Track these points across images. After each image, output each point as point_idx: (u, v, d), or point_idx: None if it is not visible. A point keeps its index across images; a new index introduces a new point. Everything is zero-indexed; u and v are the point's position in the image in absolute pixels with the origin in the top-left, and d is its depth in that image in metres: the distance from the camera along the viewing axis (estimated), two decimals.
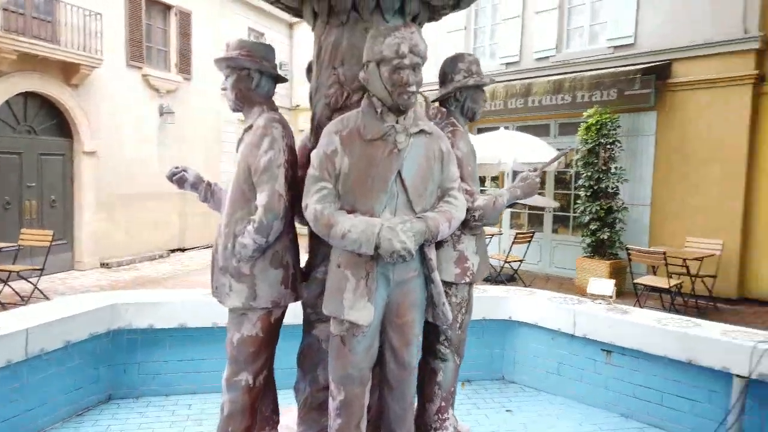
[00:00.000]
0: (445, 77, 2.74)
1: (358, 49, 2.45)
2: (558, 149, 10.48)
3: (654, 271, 8.80)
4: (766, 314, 8.28)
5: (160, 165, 13.12)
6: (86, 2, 10.82)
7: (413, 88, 2.16)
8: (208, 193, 2.82)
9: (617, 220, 9.56)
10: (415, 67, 2.16)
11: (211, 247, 2.55)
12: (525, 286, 8.40)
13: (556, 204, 10.31)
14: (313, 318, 2.61)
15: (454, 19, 12.70)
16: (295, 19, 18.57)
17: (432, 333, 2.58)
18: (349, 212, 2.14)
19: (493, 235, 10.41)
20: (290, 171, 2.39)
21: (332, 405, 2.31)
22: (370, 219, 2.09)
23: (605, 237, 9.47)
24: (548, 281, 10.37)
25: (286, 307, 2.51)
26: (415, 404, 2.55)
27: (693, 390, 4.00)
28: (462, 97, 2.70)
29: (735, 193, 8.95)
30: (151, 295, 4.76)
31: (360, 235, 2.04)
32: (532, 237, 10.12)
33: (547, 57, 11.39)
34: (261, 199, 2.30)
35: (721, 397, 3.85)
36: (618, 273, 9.22)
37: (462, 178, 2.46)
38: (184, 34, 13.75)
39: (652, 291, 8.51)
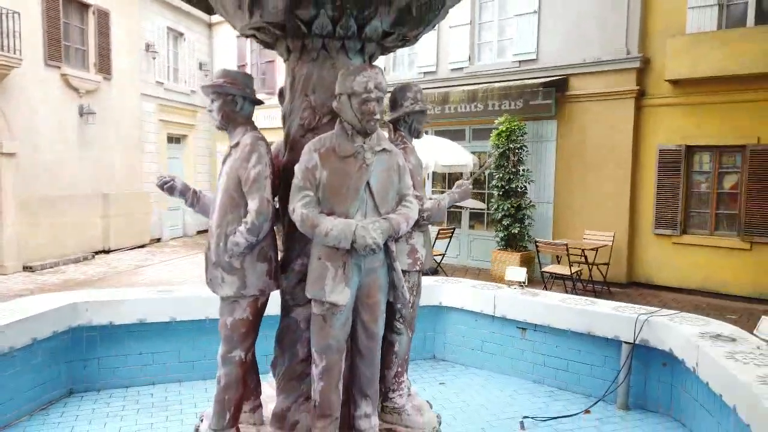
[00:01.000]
0: (395, 103, 3.41)
1: (326, 81, 3.07)
2: (472, 152, 11.51)
3: (558, 260, 10.00)
4: (650, 295, 9.68)
5: (80, 166, 12.88)
6: (2, 1, 10.52)
7: (377, 116, 2.81)
8: (194, 199, 3.28)
9: (526, 216, 10.68)
10: (379, 100, 2.81)
11: (137, 248, 3.04)
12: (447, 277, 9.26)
13: (483, 205, 11.23)
14: (291, 303, 3.16)
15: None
16: (215, 20, 18.57)
17: (389, 312, 3.22)
18: (328, 215, 2.75)
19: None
20: (273, 180, 2.95)
21: (315, 371, 2.88)
22: (347, 220, 2.71)
23: (516, 231, 10.58)
24: (467, 272, 11.37)
25: (269, 294, 3.06)
26: None
27: (591, 356, 4.92)
28: (410, 120, 3.39)
29: (623, 190, 10.31)
30: (110, 293, 5.07)
31: (340, 233, 2.63)
32: (452, 233, 11.06)
33: (461, 68, 12.39)
34: (252, 205, 2.82)
35: (614, 361, 4.78)
36: (528, 263, 10.36)
37: (413, 186, 3.14)
38: (103, 33, 13.52)
39: (557, 278, 9.71)
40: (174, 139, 17.28)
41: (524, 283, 5.54)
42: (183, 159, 17.69)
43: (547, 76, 10.84)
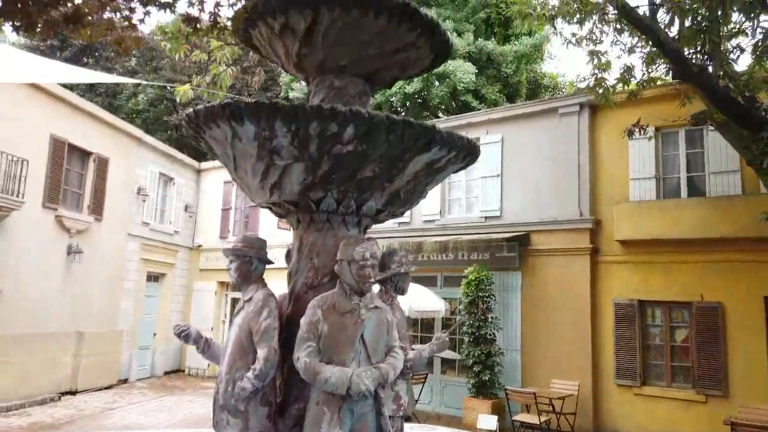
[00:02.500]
0: (383, 265, 4.09)
1: (328, 247, 3.76)
2: (444, 298, 12.17)
3: (527, 409, 10.26)
4: None
5: (60, 304, 13.03)
6: (13, 148, 11.43)
7: (372, 280, 3.46)
8: (205, 346, 3.78)
9: (495, 363, 11.10)
10: (373, 266, 3.48)
11: (104, 389, 3.44)
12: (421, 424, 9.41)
13: (458, 356, 11.60)
14: None
15: None
16: (203, 167, 19.89)
17: None
18: (327, 363, 3.27)
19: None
20: (280, 332, 3.49)
21: None
22: (344, 368, 3.21)
23: (486, 378, 10.92)
24: (439, 419, 11.44)
25: None
26: None
27: None
28: (396, 280, 4.06)
29: (584, 341, 10.93)
30: None
31: (337, 380, 3.10)
32: (425, 378, 11.33)
33: (433, 221, 13.51)
34: (261, 353, 3.31)
35: None
36: (498, 411, 10.56)
37: (399, 338, 3.71)
38: (100, 178, 14.45)
39: (527, 427, 9.91)
40: (153, 278, 17.60)
41: (495, 431, 5.87)
42: (159, 297, 17.87)
43: (511, 232, 11.93)
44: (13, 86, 11.55)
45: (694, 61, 7.94)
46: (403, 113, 20.50)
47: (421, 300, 11.26)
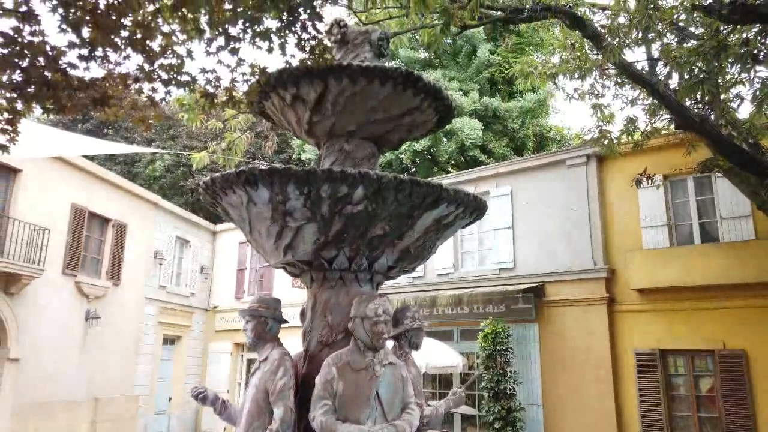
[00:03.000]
0: (397, 321, 4.15)
1: (341, 304, 3.86)
2: (461, 353, 12.03)
3: None
4: None
5: (78, 370, 13.07)
6: (35, 218, 11.80)
7: (385, 336, 3.52)
8: (222, 407, 3.84)
9: (517, 419, 10.83)
10: (386, 323, 3.55)
11: None
12: None
13: (475, 411, 11.38)
14: None
15: None
16: (218, 229, 20.22)
17: None
18: (343, 421, 3.30)
19: None
20: (296, 391, 3.54)
21: None
22: (359, 426, 3.25)
23: None
24: None
25: None
26: None
27: None
28: (409, 335, 4.11)
29: (607, 393, 10.67)
30: None
31: None
32: None
33: (447, 274, 13.53)
34: (278, 413, 3.38)
35: None
36: None
37: (414, 394, 3.74)
38: (118, 244, 14.77)
39: None
40: (169, 341, 17.63)
41: None
42: (175, 360, 17.83)
43: (525, 283, 11.89)
44: (36, 158, 12.04)
45: (695, 111, 8.12)
46: (412, 170, 20.86)
47: (437, 355, 11.14)
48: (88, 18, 2.67)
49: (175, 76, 3.08)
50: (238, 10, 2.97)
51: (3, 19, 2.62)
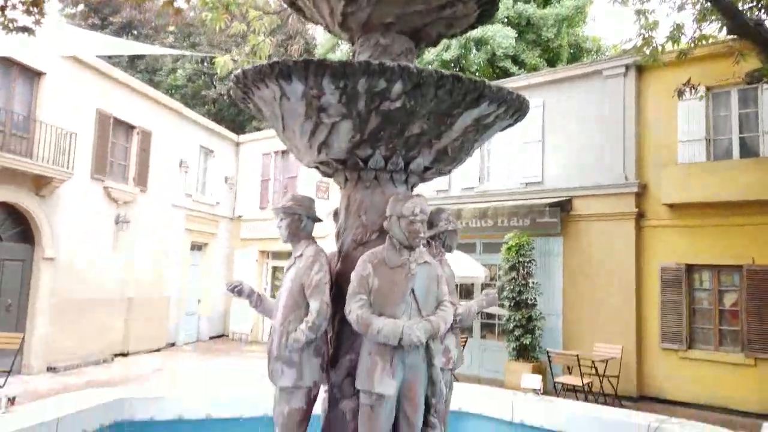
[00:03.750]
0: (431, 224, 4.09)
1: (376, 204, 3.79)
2: (483, 264, 12.14)
3: (569, 371, 10.25)
4: (661, 410, 9.78)
5: (110, 271, 13.56)
6: (62, 122, 11.80)
7: (422, 235, 3.48)
8: (258, 301, 3.88)
9: (536, 328, 11.08)
10: (423, 222, 3.49)
11: (153, 351, 3.52)
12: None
13: (505, 312, 11.58)
14: (338, 396, 3.61)
15: None
16: (241, 140, 20.16)
17: (425, 407, 3.65)
18: (379, 316, 3.32)
19: None
20: (330, 287, 3.56)
21: None
22: (395, 320, 3.26)
23: (528, 342, 10.93)
24: (480, 382, 11.53)
25: (320, 387, 3.55)
26: None
27: None
28: (444, 237, 4.07)
29: (629, 305, 10.78)
30: (152, 390, 5.47)
31: (389, 332, 3.16)
32: (465, 342, 11.40)
33: (472, 188, 13.41)
34: (314, 306, 3.39)
35: None
36: (540, 373, 10.55)
37: (448, 293, 3.74)
38: (144, 150, 14.81)
39: (569, 390, 9.91)
40: (196, 247, 18.11)
41: (539, 390, 5.87)
42: (202, 266, 18.39)
43: (552, 197, 11.75)
44: (61, 62, 11.86)
45: (749, 15, 7.56)
46: None
47: (460, 266, 11.25)
48: None
49: None
50: None
51: None
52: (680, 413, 9.43)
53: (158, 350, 14.95)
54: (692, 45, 8.88)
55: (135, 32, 25.45)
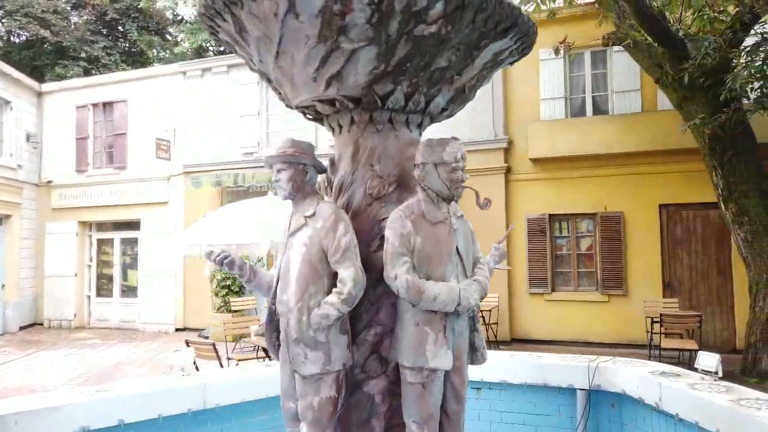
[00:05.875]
0: None
1: (390, 151, 3.18)
2: None
3: None
4: (532, 349, 10.61)
5: None
6: None
7: (464, 183, 3.00)
8: (251, 274, 3.08)
9: None
10: (463, 169, 3.01)
11: None
12: None
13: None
14: (360, 377, 3.02)
15: (248, 105, 13.55)
16: (45, 89, 16.84)
17: None
18: (426, 279, 2.80)
19: None
20: None
21: None
22: (450, 284, 2.77)
23: None
24: None
25: (346, 369, 2.94)
26: None
27: (547, 407, 5.22)
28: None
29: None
30: (38, 400, 4.22)
31: (447, 297, 2.68)
32: None
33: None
34: (348, 273, 2.72)
35: (567, 409, 5.06)
36: None
37: None
38: None
39: None
40: None
41: None
42: (6, 243, 15.28)
43: None
44: None
45: None
46: None
47: None
48: None
49: None
50: None
51: None
52: (547, 350, 10.36)
53: None
54: (564, 5, 9.34)
55: None
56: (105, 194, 15.53)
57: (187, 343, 6.29)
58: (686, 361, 8.28)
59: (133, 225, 15.43)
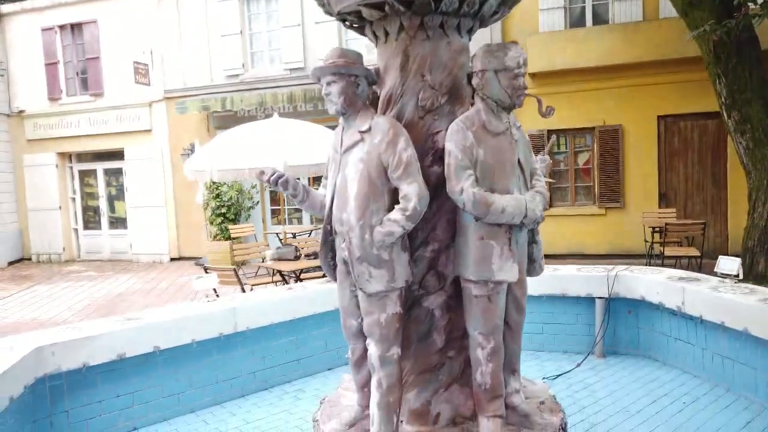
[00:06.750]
0: None
1: (442, 60, 3.01)
2: None
3: None
4: None
5: None
6: None
7: (526, 90, 2.87)
8: (304, 194, 2.99)
9: None
10: (525, 75, 2.88)
11: None
12: None
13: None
14: (418, 293, 3.03)
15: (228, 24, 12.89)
16: (5, 11, 15.65)
17: None
18: (491, 192, 2.73)
19: None
20: None
21: (482, 354, 2.79)
22: (516, 196, 2.72)
23: None
24: None
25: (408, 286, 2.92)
26: None
27: (565, 316, 5.34)
28: None
29: None
30: (75, 330, 4.18)
31: (514, 209, 2.65)
32: None
33: (237, 75, 13.11)
34: (412, 189, 2.63)
35: (585, 317, 5.18)
36: None
37: None
38: None
39: None
40: None
41: None
42: None
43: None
44: None
45: None
46: None
47: None
48: None
49: None
50: None
51: None
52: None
53: None
54: None
55: None
56: (83, 123, 14.89)
57: (206, 269, 6.25)
58: (684, 267, 8.55)
59: (116, 155, 14.93)
